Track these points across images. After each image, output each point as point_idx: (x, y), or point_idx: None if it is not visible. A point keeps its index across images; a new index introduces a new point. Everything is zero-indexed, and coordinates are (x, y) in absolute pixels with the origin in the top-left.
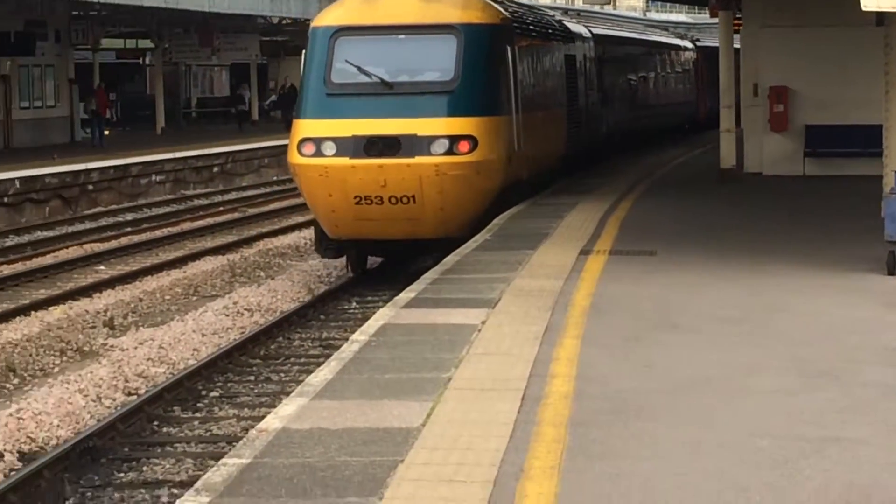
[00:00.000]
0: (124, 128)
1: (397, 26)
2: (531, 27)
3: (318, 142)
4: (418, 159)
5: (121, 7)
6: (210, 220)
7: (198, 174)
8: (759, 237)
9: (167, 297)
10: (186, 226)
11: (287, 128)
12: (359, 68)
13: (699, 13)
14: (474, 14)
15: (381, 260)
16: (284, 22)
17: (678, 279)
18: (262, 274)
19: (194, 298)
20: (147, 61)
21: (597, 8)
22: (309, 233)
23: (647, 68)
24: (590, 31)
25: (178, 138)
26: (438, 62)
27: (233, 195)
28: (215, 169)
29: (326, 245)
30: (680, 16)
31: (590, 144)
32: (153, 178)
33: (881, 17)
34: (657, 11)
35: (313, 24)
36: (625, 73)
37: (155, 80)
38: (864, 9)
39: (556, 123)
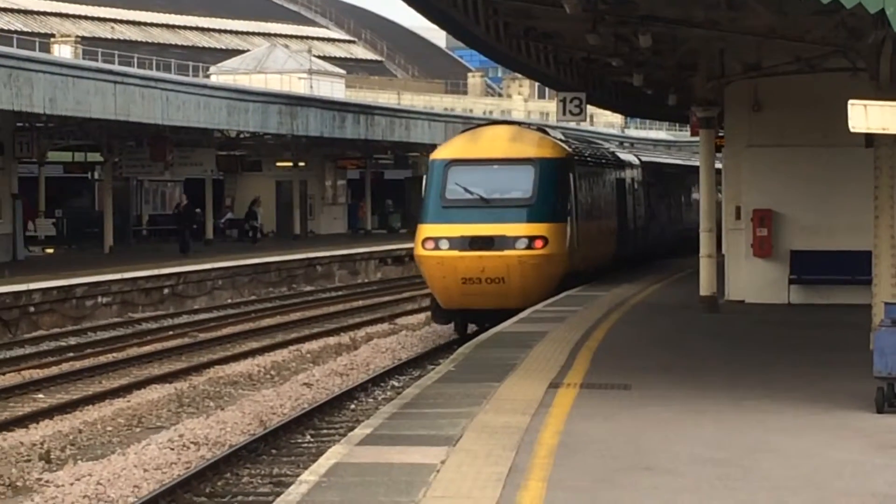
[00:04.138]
0: (70, 246)
1: (492, 159)
2: (588, 158)
3: (436, 240)
4: (507, 252)
5: (69, 119)
6: (158, 346)
7: (147, 296)
8: (741, 370)
9: (109, 429)
10: (133, 351)
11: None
12: (465, 188)
13: (680, 130)
14: (546, 151)
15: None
16: (242, 136)
17: (654, 416)
18: (211, 404)
19: (138, 430)
20: (96, 176)
21: (639, 134)
22: (262, 360)
23: (690, 189)
24: (639, 159)
25: (126, 257)
26: (520, 184)
27: (183, 319)
28: (165, 291)
29: (439, 315)
30: (660, 133)
31: (637, 249)
32: (99, 299)
33: (870, 139)
34: (636, 128)
35: (432, 156)
36: (669, 192)
37: (104, 196)
38: (852, 130)
39: (608, 231)
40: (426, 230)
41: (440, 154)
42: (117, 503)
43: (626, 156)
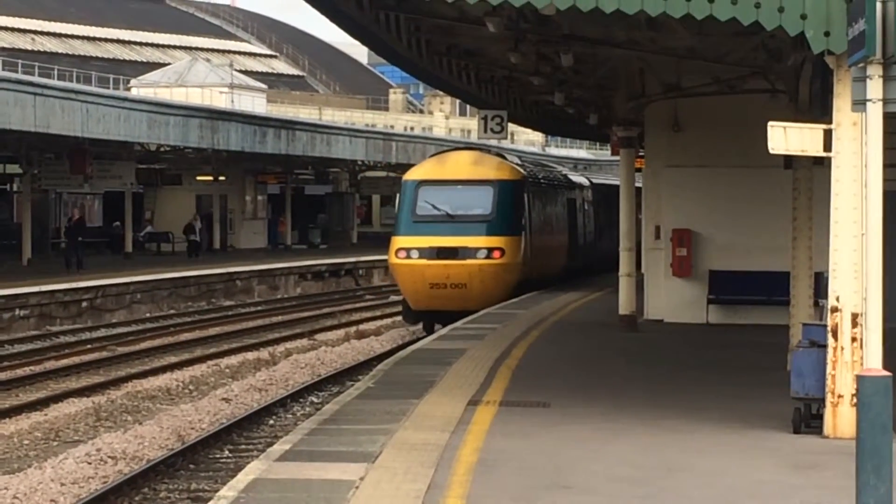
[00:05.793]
0: None
1: (457, 180)
2: (542, 180)
3: (408, 250)
4: (468, 261)
5: None
6: (76, 359)
7: (65, 309)
8: (659, 389)
9: (26, 442)
10: (50, 364)
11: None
12: (433, 205)
13: (600, 149)
14: (504, 173)
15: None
16: (162, 149)
17: (573, 434)
18: (129, 418)
19: (55, 444)
20: (15, 188)
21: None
22: (181, 374)
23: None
24: (589, 181)
25: (45, 270)
26: (481, 203)
27: (102, 332)
28: (84, 304)
29: (409, 315)
30: (581, 152)
31: (586, 262)
32: (17, 312)
33: (789, 161)
34: (556, 147)
35: (405, 177)
36: (617, 211)
37: (22, 208)
38: (771, 151)
39: (559, 245)
40: (399, 241)
41: (412, 175)
42: None
43: (577, 178)
